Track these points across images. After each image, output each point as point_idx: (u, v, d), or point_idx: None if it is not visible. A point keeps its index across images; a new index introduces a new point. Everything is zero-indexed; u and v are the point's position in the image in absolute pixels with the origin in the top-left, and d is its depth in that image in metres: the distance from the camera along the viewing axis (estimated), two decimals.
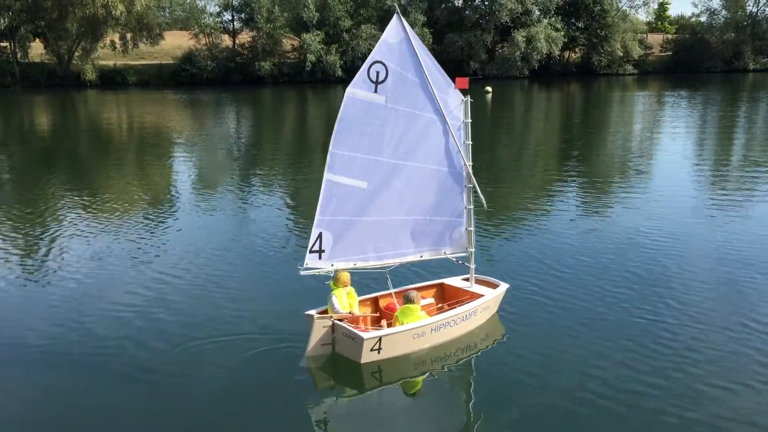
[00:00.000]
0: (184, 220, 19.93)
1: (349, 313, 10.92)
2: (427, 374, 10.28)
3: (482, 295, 11.85)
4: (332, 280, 11.10)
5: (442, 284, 12.54)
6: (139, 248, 16.84)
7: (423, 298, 11.70)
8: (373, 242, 11.36)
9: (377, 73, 10.93)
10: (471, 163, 11.81)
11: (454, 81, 11.52)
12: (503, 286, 12.30)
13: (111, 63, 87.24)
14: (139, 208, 21.39)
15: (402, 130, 11.20)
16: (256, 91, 77.02)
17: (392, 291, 11.75)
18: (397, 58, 11.05)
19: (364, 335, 10.22)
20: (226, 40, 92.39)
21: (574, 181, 25.67)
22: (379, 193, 11.22)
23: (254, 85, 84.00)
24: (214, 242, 17.33)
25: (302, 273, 10.93)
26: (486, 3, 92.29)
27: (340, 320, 10.63)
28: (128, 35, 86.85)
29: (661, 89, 75.11)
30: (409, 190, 11.45)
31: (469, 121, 11.77)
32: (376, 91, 10.97)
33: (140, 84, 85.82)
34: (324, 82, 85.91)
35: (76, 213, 20.76)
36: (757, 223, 18.76)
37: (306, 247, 11.10)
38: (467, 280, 12.51)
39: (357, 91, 10.92)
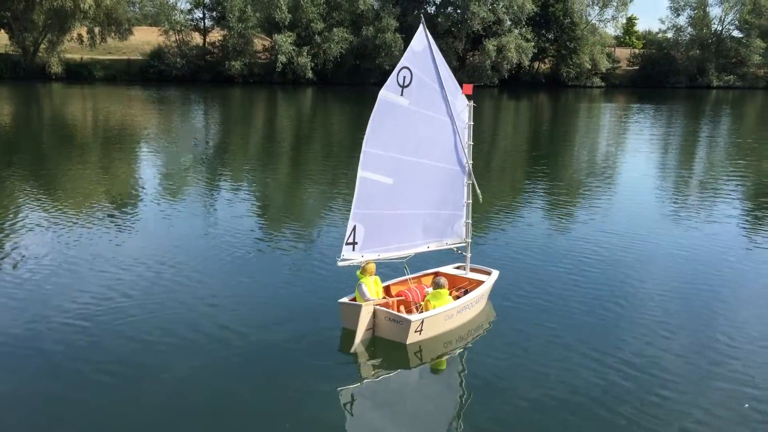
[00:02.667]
0: (148, 218, 19.67)
1: (383, 298, 11.91)
2: (458, 351, 11.50)
3: (482, 282, 12.99)
4: (360, 269, 11.95)
5: (437, 273, 13.38)
6: (96, 245, 16.56)
7: (425, 286, 12.76)
8: (395, 234, 12.41)
9: (404, 78, 11.91)
10: (471, 162, 12.93)
11: (461, 87, 12.62)
12: (495, 273, 13.46)
13: (78, 57, 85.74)
14: (99, 206, 21.05)
15: (421, 131, 12.25)
16: (226, 91, 76.39)
17: (409, 277, 12.78)
18: (420, 65, 12.02)
19: (412, 318, 11.22)
20: (197, 38, 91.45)
21: (540, 186, 26.00)
22: (402, 188, 12.26)
23: (224, 84, 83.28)
24: (183, 241, 17.13)
25: (340, 264, 11.88)
26: (458, 11, 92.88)
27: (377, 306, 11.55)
28: (96, 29, 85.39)
29: (628, 102, 76.39)
30: (424, 186, 12.53)
31: (472, 123, 12.85)
32: (402, 95, 11.95)
33: (107, 79, 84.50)
34: (294, 84, 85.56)
35: (39, 212, 20.35)
36: (717, 226, 19.62)
37: (267, 244, 11.19)
38: (459, 268, 13.70)
39: (388, 93, 11.88)
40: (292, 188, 25.93)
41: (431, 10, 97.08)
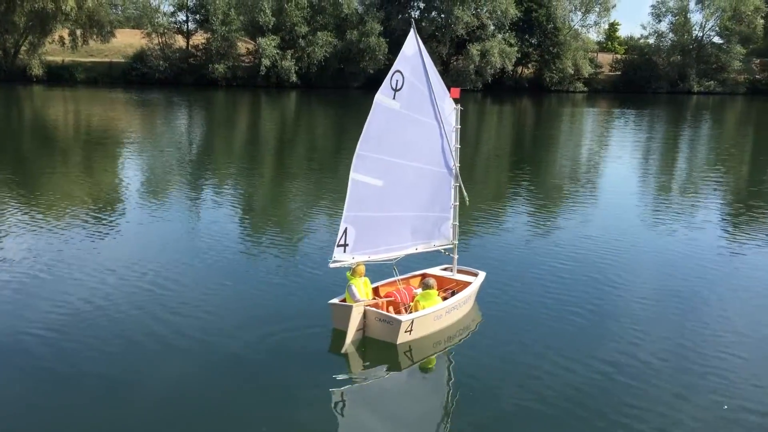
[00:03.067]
0: (131, 221, 19.50)
1: (373, 299, 12.03)
2: (446, 350, 11.68)
3: (469, 283, 13.12)
4: (349, 271, 12.04)
5: (425, 274, 13.47)
6: (78, 249, 16.39)
7: (413, 287, 12.92)
8: (384, 236, 12.49)
9: (397, 81, 12.04)
10: (459, 164, 13.13)
11: (449, 90, 12.81)
12: (482, 274, 13.59)
13: (59, 59, 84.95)
14: (81, 209, 20.84)
15: (411, 134, 12.40)
16: (209, 94, 76.03)
17: (398, 278, 12.90)
18: (411, 69, 12.18)
19: (402, 318, 11.35)
20: (180, 41, 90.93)
21: (524, 190, 26.11)
22: (391, 191, 12.36)
23: (207, 88, 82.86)
24: (167, 244, 17.00)
25: (331, 266, 11.98)
26: (442, 15, 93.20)
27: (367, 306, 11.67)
28: (78, 31, 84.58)
29: (610, 107, 76.98)
30: (413, 189, 12.69)
31: (459, 126, 13.05)
32: (394, 98, 12.07)
33: (89, 81, 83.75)
34: (278, 87, 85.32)
35: (18, 215, 20.10)
36: (696, 231, 19.85)
37: (254, 247, 11.16)
38: (446, 269, 13.80)
39: (382, 97, 11.99)
40: (277, 192, 25.83)
41: (415, 14, 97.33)
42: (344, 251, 12.03)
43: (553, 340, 11.89)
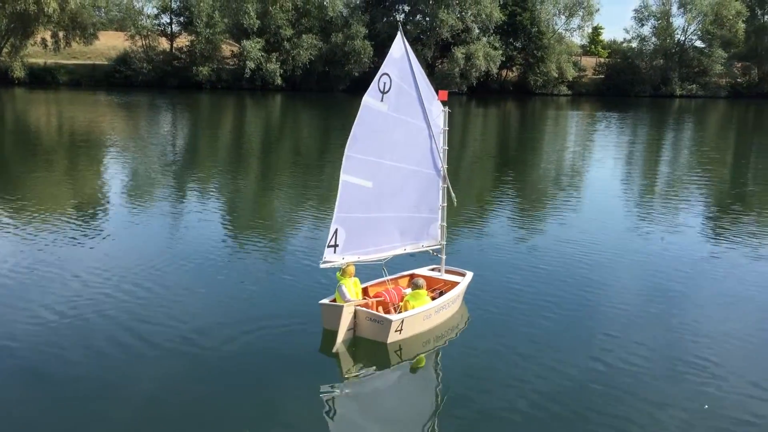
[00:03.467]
0: (115, 224, 19.34)
1: (363, 299, 12.14)
2: (435, 349, 11.78)
3: (457, 283, 13.23)
4: (339, 271, 12.14)
5: (413, 274, 13.59)
6: (62, 252, 16.25)
7: (402, 287, 13.05)
8: (373, 237, 12.61)
9: (384, 83, 12.20)
10: (446, 166, 13.28)
11: (437, 92, 12.99)
12: (470, 274, 13.71)
13: (41, 61, 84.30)
14: (64, 213, 20.65)
15: (399, 136, 12.53)
16: (193, 96, 75.73)
17: (387, 279, 13.02)
18: (398, 71, 12.34)
19: (393, 317, 11.47)
20: (164, 43, 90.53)
21: (509, 192, 26.22)
22: (381, 192, 12.48)
23: (191, 90, 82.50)
24: (152, 247, 16.88)
25: (322, 266, 12.12)
26: (427, 19, 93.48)
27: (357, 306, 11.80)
28: (61, 33, 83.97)
29: (594, 110, 77.50)
30: (401, 190, 12.81)
31: (447, 128, 13.18)
32: (382, 100, 12.22)
33: (72, 84, 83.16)
34: (263, 90, 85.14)
35: (0, 218, 19.92)
36: (678, 232, 20.24)
37: (241, 248, 11.13)
38: (434, 269, 13.92)
39: (369, 99, 12.14)
40: (263, 194, 25.75)
41: (400, 17, 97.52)
42: (334, 252, 12.14)
43: (538, 339, 12.03)
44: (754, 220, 22.64)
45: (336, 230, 12.09)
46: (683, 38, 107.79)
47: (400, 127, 12.52)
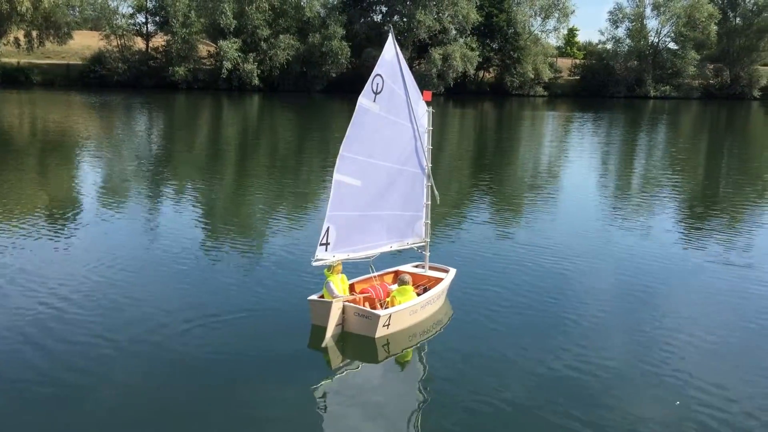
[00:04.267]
0: (91, 226, 19.19)
1: (351, 295, 12.44)
2: (422, 343, 12.16)
3: (441, 279, 13.58)
4: (327, 268, 12.45)
5: (397, 271, 13.93)
6: (35, 255, 16.09)
7: (387, 284, 13.34)
8: (363, 235, 12.89)
9: (377, 84, 12.49)
10: (430, 165, 13.67)
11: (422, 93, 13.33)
12: (453, 271, 14.02)
13: (14, 61, 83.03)
14: (38, 215, 20.46)
15: (388, 135, 12.85)
16: (170, 97, 75.11)
17: (374, 275, 13.37)
18: (389, 72, 12.68)
19: (380, 313, 11.77)
20: (139, 43, 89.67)
21: (488, 191, 26.41)
22: (369, 191, 12.77)
23: (167, 90, 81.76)
24: (129, 249, 16.77)
25: (314, 264, 12.34)
26: (404, 19, 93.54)
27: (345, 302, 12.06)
28: (34, 33, 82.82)
29: (570, 111, 78.17)
30: (389, 188, 13.12)
31: (431, 128, 13.59)
32: (374, 101, 12.52)
33: (45, 84, 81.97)
34: (240, 91, 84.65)
35: None
36: (653, 230, 20.80)
37: (220, 247, 11.18)
38: (417, 266, 14.27)
39: (363, 100, 12.44)
40: (240, 194, 25.66)
41: (377, 18, 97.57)
42: (326, 250, 12.40)
43: (518, 333, 12.46)
44: (725, 221, 23.03)
45: (328, 228, 12.35)
46: (657, 40, 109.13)
47: (389, 127, 12.84)
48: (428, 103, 13.50)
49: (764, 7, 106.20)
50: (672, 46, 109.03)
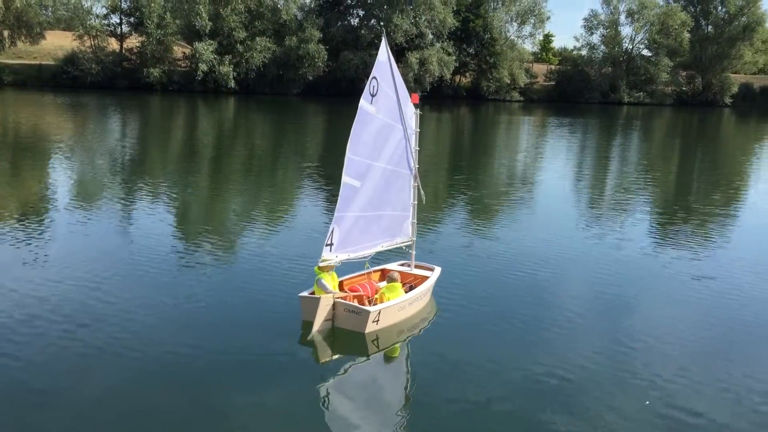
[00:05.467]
0: (60, 230, 18.82)
1: (346, 291, 12.79)
2: (409, 339, 12.44)
3: (427, 277, 13.91)
4: (317, 266, 12.64)
5: (384, 269, 14.25)
6: (5, 259, 15.75)
7: (375, 281, 13.65)
8: (360, 235, 13.21)
9: (373, 87, 12.80)
10: (417, 166, 14.01)
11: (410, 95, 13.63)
12: (438, 269, 14.33)
13: None
14: (8, 218, 20.03)
15: (383, 138, 13.19)
16: (144, 98, 74.35)
17: (369, 271, 13.78)
18: (383, 75, 12.99)
19: (371, 309, 12.07)
20: (113, 44, 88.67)
21: (465, 193, 26.43)
22: (368, 192, 13.09)
23: (142, 92, 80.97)
24: (102, 253, 16.48)
25: (321, 265, 12.58)
26: (381, 23, 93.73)
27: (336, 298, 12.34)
28: (5, 33, 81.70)
29: (545, 116, 78.81)
30: (383, 189, 13.45)
31: (419, 130, 13.93)
32: (371, 103, 12.81)
33: (17, 84, 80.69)
34: (216, 93, 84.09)
35: None
36: (627, 230, 21.23)
37: (200, 251, 11.23)
38: (403, 265, 14.59)
39: (363, 102, 12.72)
40: (216, 197, 25.38)
41: (354, 22, 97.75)
42: (330, 250, 12.69)
43: (498, 331, 12.79)
44: (696, 227, 23.26)
45: (333, 229, 12.65)
46: (631, 47, 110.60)
47: (384, 129, 13.18)
48: (416, 105, 13.81)
49: (735, 15, 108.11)
50: (646, 52, 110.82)
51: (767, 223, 24.11)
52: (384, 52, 12.95)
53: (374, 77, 12.80)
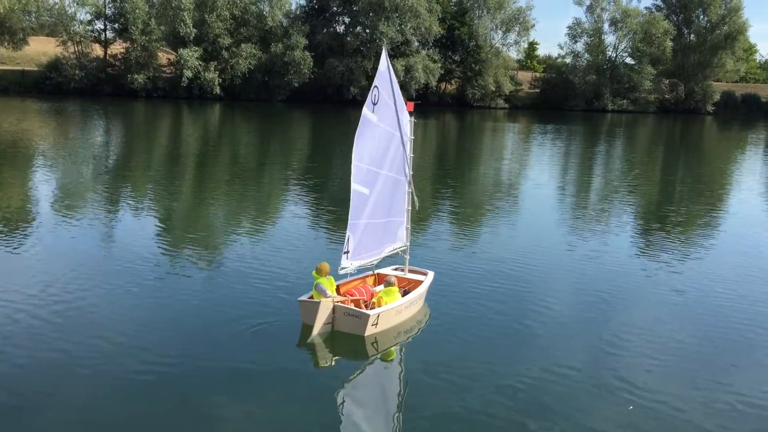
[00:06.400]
0: (43, 238, 18.64)
1: (343, 295, 13.07)
2: (406, 341, 12.82)
3: (421, 281, 14.23)
4: (315, 270, 12.94)
5: (378, 274, 14.54)
6: None
7: (370, 286, 14.00)
8: (370, 242, 13.59)
9: (375, 95, 13.15)
10: (411, 172, 14.38)
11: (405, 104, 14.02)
12: (431, 274, 14.67)
13: None
14: None
15: (384, 145, 13.55)
16: (128, 105, 73.92)
17: (371, 273, 14.28)
18: (383, 84, 13.33)
19: (370, 312, 12.34)
20: (97, 50, 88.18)
21: (450, 200, 26.47)
22: (374, 198, 13.47)
23: (126, 98, 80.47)
24: (85, 260, 16.33)
25: (340, 272, 13.07)
26: (367, 31, 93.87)
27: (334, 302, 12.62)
28: None
29: (530, 123, 79.20)
30: (386, 196, 13.84)
31: (413, 137, 14.31)
32: (373, 111, 13.16)
33: None
34: (201, 99, 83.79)
35: None
36: (611, 236, 21.63)
37: (176, 258, 11.07)
38: (397, 269, 14.92)
39: (366, 111, 13.09)
40: (202, 203, 25.27)
41: (340, 29, 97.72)
42: (347, 258, 13.08)
43: (488, 331, 13.21)
44: (679, 233, 23.47)
45: (348, 237, 13.04)
46: (614, 55, 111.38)
47: (384, 136, 13.57)
48: (410, 113, 14.10)
49: (717, 24, 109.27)
50: (629, 61, 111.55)
51: (747, 230, 24.32)
52: (383, 62, 13.33)
53: (376, 86, 13.14)
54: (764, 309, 15.08)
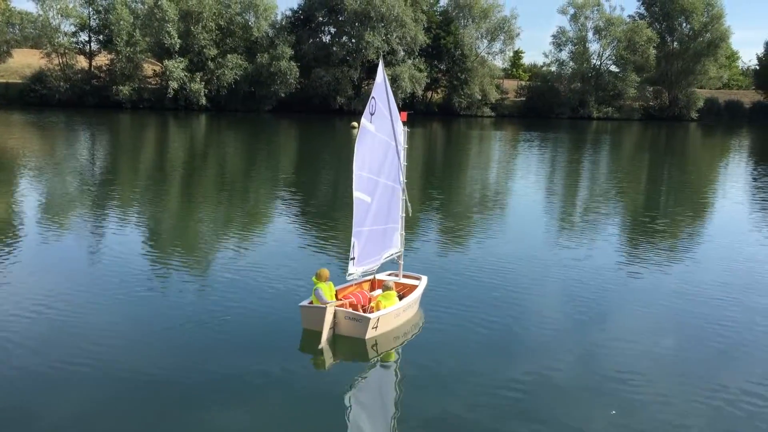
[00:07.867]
0: (29, 250, 18.45)
1: (340, 299, 13.35)
2: (404, 343, 13.13)
3: (416, 286, 14.58)
4: (315, 275, 13.24)
5: (374, 279, 14.86)
6: None
7: (366, 291, 14.29)
8: (372, 248, 14.02)
9: (372, 106, 13.61)
10: (405, 180, 14.87)
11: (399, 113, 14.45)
12: (425, 278, 15.02)
13: None
14: None
15: (382, 154, 14.05)
16: (114, 116, 73.59)
17: (371, 278, 14.72)
18: (379, 94, 13.81)
19: (371, 316, 12.69)
20: (82, 62, 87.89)
21: (438, 208, 26.49)
22: (374, 206, 13.94)
23: (111, 110, 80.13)
24: (72, 273, 16.17)
25: (348, 279, 13.60)
26: (353, 40, 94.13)
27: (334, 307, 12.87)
28: None
29: (517, 131, 79.55)
30: (385, 203, 14.31)
31: (406, 146, 14.79)
32: (371, 122, 13.63)
33: None
34: (187, 110, 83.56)
35: None
36: (598, 242, 21.90)
37: (165, 268, 11.14)
38: (391, 274, 15.32)
39: (365, 121, 13.58)
40: (189, 214, 25.11)
41: (326, 39, 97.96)
42: (353, 265, 13.52)
43: (481, 334, 13.47)
44: (665, 239, 23.59)
45: (354, 244, 13.47)
46: (599, 63, 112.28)
47: (382, 145, 14.02)
48: (404, 123, 14.53)
49: (700, 32, 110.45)
50: (613, 68, 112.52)
51: (732, 236, 24.46)
52: (380, 74, 13.73)
53: (373, 97, 13.60)
54: (750, 312, 15.19)
